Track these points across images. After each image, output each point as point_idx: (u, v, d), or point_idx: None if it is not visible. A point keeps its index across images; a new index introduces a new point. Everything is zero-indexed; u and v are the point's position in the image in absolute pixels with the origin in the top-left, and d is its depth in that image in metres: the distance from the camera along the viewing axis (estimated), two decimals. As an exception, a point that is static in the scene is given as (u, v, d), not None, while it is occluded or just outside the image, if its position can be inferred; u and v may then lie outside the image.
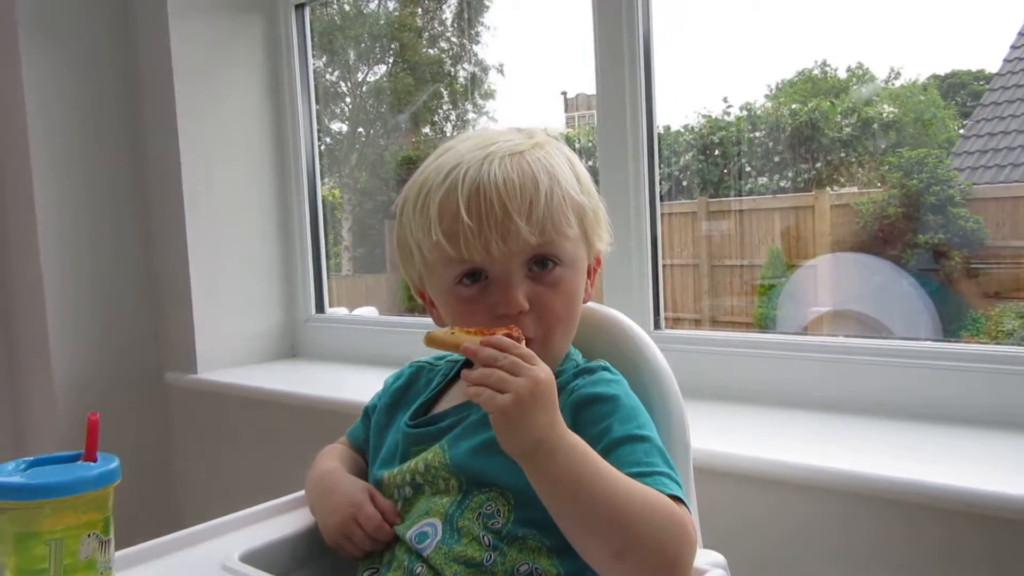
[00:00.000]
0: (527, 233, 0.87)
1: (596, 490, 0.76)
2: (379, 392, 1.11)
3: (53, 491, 0.73)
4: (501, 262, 0.89)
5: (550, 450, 0.77)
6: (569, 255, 0.93)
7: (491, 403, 0.76)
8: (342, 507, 0.95)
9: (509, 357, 0.78)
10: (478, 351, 0.79)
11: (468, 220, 0.87)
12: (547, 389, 0.78)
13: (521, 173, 0.89)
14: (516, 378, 0.76)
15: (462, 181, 0.88)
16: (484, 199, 0.87)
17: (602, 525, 0.76)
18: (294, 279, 2.26)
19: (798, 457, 1.13)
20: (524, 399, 0.76)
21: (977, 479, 1.01)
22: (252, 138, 2.20)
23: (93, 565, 0.75)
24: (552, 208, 0.89)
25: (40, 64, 2.00)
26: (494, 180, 0.88)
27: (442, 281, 0.93)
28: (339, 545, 0.95)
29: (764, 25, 1.81)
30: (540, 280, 0.91)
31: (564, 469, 0.77)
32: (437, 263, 0.92)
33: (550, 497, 0.78)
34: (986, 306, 1.66)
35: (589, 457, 0.78)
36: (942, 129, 1.89)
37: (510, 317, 0.88)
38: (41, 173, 2.01)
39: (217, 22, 2.12)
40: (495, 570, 0.83)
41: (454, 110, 2.76)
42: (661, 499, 0.78)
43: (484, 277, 0.90)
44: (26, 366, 2.14)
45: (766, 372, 1.44)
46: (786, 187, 1.97)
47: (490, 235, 0.87)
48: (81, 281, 2.08)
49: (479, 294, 0.91)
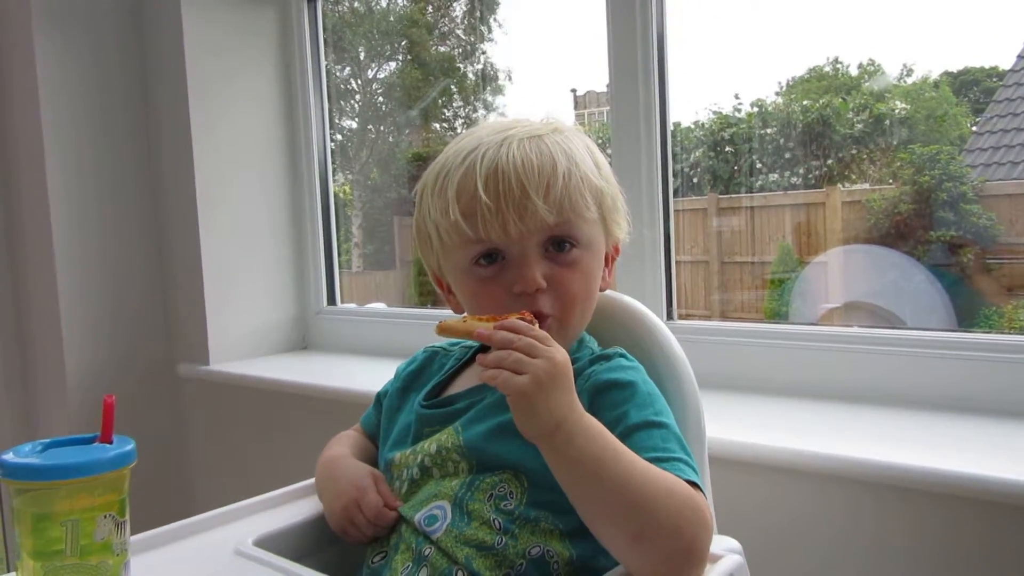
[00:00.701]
0: (544, 212, 0.88)
1: (615, 473, 0.76)
2: (391, 379, 1.11)
3: (70, 472, 0.73)
4: (518, 241, 0.89)
5: (570, 432, 0.76)
6: (586, 237, 0.92)
7: (509, 384, 0.75)
8: (346, 492, 0.95)
9: (524, 339, 0.78)
10: (492, 335, 0.79)
11: (486, 199, 0.87)
12: (564, 370, 0.77)
13: (539, 154, 0.89)
14: (533, 359, 0.76)
15: (480, 161, 0.89)
16: (502, 178, 0.87)
17: (620, 508, 0.76)
18: (305, 272, 2.27)
19: (811, 446, 1.13)
20: (542, 379, 0.75)
21: (981, 466, 1.01)
22: (264, 133, 2.20)
23: (109, 546, 0.75)
24: (570, 188, 0.90)
25: (53, 59, 2.01)
26: (512, 160, 0.88)
27: (459, 263, 0.93)
28: (343, 530, 0.94)
29: (775, 22, 1.81)
30: (557, 261, 0.91)
31: (584, 451, 0.76)
32: (455, 245, 0.92)
33: (569, 479, 0.78)
34: (1000, 301, 1.65)
35: (608, 440, 0.78)
36: (954, 126, 1.89)
37: (527, 296, 0.88)
38: (54, 165, 2.01)
39: (229, 17, 2.12)
40: (506, 552, 0.83)
41: (464, 107, 2.76)
42: (679, 484, 0.78)
43: (501, 258, 0.91)
44: (39, 358, 2.15)
45: (778, 362, 1.44)
46: (797, 184, 1.97)
47: (507, 214, 0.87)
48: (94, 275, 2.09)
49: (496, 274, 0.91)
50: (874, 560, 1.11)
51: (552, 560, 0.83)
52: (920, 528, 1.07)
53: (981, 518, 1.02)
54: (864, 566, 1.11)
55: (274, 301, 2.22)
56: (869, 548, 1.11)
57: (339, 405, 1.68)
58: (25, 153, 2.07)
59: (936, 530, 1.06)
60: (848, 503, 1.12)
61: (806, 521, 1.15)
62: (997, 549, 1.02)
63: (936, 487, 1.02)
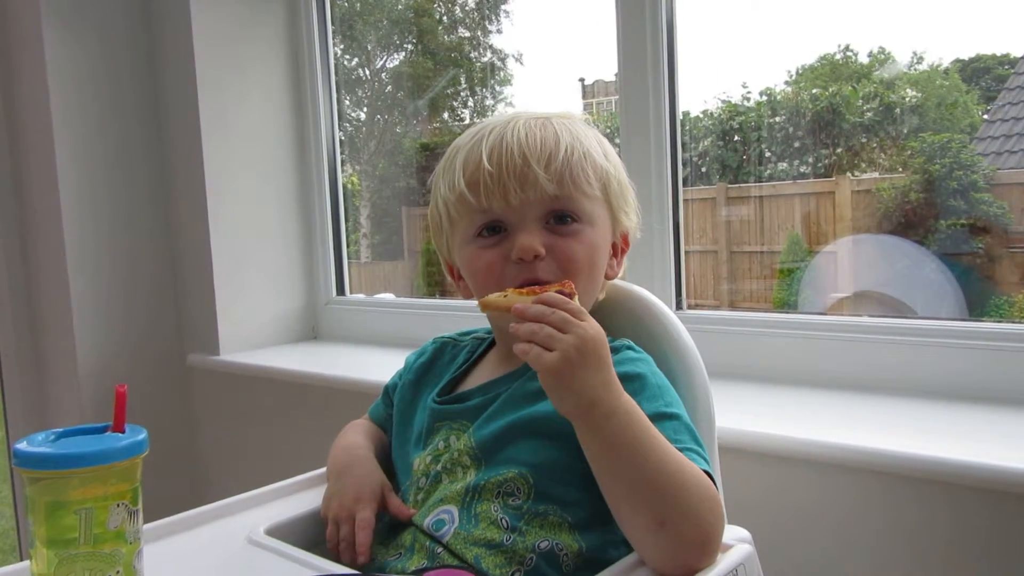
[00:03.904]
0: (545, 181, 0.89)
1: (649, 457, 0.76)
2: (400, 371, 1.11)
3: (83, 461, 0.73)
4: (519, 211, 0.91)
5: (607, 412, 0.76)
6: (588, 213, 0.93)
7: (539, 361, 0.76)
8: (348, 496, 0.95)
9: (558, 313, 0.77)
10: (526, 309, 0.78)
11: (488, 167, 0.89)
12: (596, 347, 0.77)
13: (544, 130, 0.92)
14: (564, 335, 0.76)
15: (487, 137, 0.92)
16: (505, 149, 0.90)
17: (649, 492, 0.76)
18: (314, 262, 2.27)
19: (821, 435, 1.13)
20: (572, 357, 0.75)
21: (990, 455, 1.00)
22: (274, 124, 2.20)
23: (122, 535, 0.75)
24: (572, 163, 0.91)
25: (62, 53, 2.01)
26: (517, 134, 0.91)
27: (464, 236, 0.95)
28: (326, 524, 0.95)
29: (785, 10, 1.80)
30: (558, 232, 0.92)
31: (620, 433, 0.76)
32: (460, 217, 0.94)
33: (602, 459, 0.78)
34: (1011, 290, 1.65)
35: (645, 424, 0.78)
36: (965, 113, 1.87)
37: (525, 263, 0.89)
38: (65, 157, 2.02)
39: (238, 8, 2.12)
40: (515, 548, 0.83)
41: (472, 97, 2.75)
42: (700, 473, 0.78)
43: (504, 230, 0.92)
44: (51, 349, 2.16)
45: (788, 352, 1.44)
46: (806, 173, 1.96)
47: (508, 182, 0.89)
48: (105, 267, 2.10)
49: (497, 243, 0.92)
50: (883, 549, 1.10)
51: (561, 553, 0.83)
52: (930, 518, 1.07)
53: (990, 507, 1.02)
54: (873, 556, 1.11)
55: (284, 291, 2.23)
56: (878, 537, 1.11)
57: (349, 395, 1.69)
58: (36, 146, 2.07)
59: (946, 520, 1.06)
60: (857, 492, 1.12)
61: (815, 510, 1.15)
62: (1006, 539, 1.02)
63: (945, 476, 1.02)
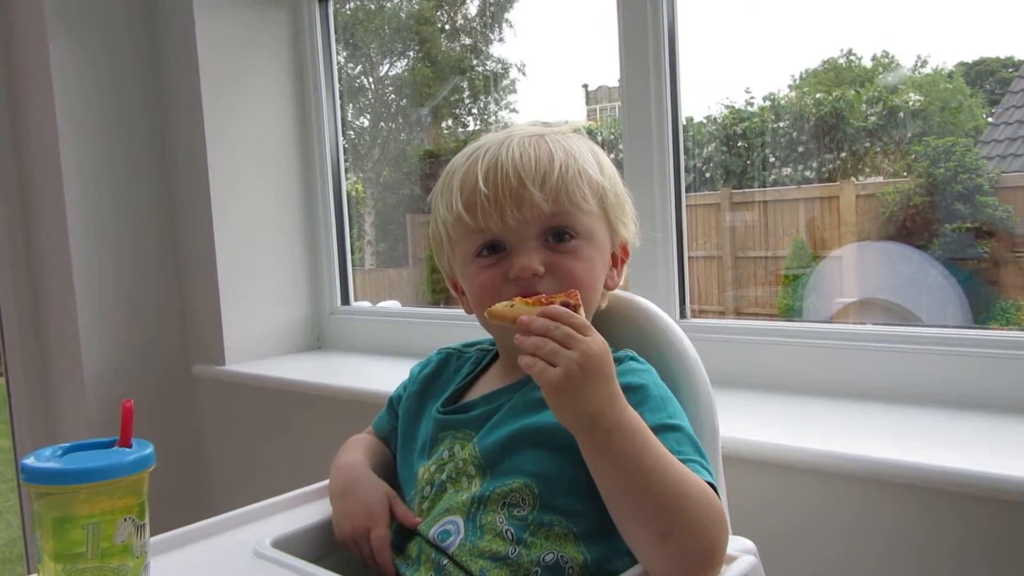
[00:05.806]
0: (540, 200, 0.90)
1: (653, 470, 0.76)
2: (404, 382, 1.11)
3: (90, 476, 0.73)
4: (516, 231, 0.91)
5: (609, 427, 0.76)
6: (585, 228, 0.94)
7: (542, 376, 0.76)
8: (359, 515, 0.95)
9: (563, 328, 0.77)
10: (531, 323, 0.78)
11: (485, 189, 0.90)
12: (599, 363, 0.77)
13: (538, 149, 0.93)
14: (567, 351, 0.76)
15: (482, 158, 0.93)
16: (500, 170, 0.91)
17: (653, 507, 0.76)
18: (319, 272, 2.27)
19: (825, 444, 1.13)
20: (574, 373, 0.75)
21: (996, 464, 1.00)
22: (278, 132, 2.21)
23: (129, 549, 0.75)
24: (567, 180, 0.92)
25: (67, 61, 2.02)
26: (511, 155, 0.92)
27: (464, 255, 0.95)
28: (344, 546, 0.96)
29: (787, 15, 1.80)
30: (556, 249, 0.92)
31: (623, 447, 0.76)
32: (460, 237, 0.95)
33: (606, 473, 0.78)
34: (1017, 295, 1.64)
35: (648, 437, 0.78)
36: (969, 117, 1.87)
37: (523, 281, 0.90)
38: (70, 167, 2.03)
39: (242, 17, 2.13)
40: (520, 561, 0.83)
41: (475, 104, 2.76)
42: (704, 485, 0.78)
43: (502, 249, 0.93)
44: (57, 363, 2.16)
45: (792, 361, 1.44)
46: (810, 177, 1.96)
47: (505, 203, 0.90)
48: (110, 278, 2.10)
49: (496, 263, 0.93)
50: (888, 560, 1.10)
51: (567, 565, 0.83)
52: (935, 528, 1.06)
53: (996, 517, 1.02)
54: (878, 566, 1.11)
55: (288, 301, 2.23)
56: (883, 547, 1.10)
57: (354, 405, 1.69)
58: (40, 155, 2.08)
59: (951, 530, 1.05)
60: (861, 502, 1.12)
61: (820, 520, 1.15)
62: (1012, 548, 1.01)
63: (951, 486, 1.02)
